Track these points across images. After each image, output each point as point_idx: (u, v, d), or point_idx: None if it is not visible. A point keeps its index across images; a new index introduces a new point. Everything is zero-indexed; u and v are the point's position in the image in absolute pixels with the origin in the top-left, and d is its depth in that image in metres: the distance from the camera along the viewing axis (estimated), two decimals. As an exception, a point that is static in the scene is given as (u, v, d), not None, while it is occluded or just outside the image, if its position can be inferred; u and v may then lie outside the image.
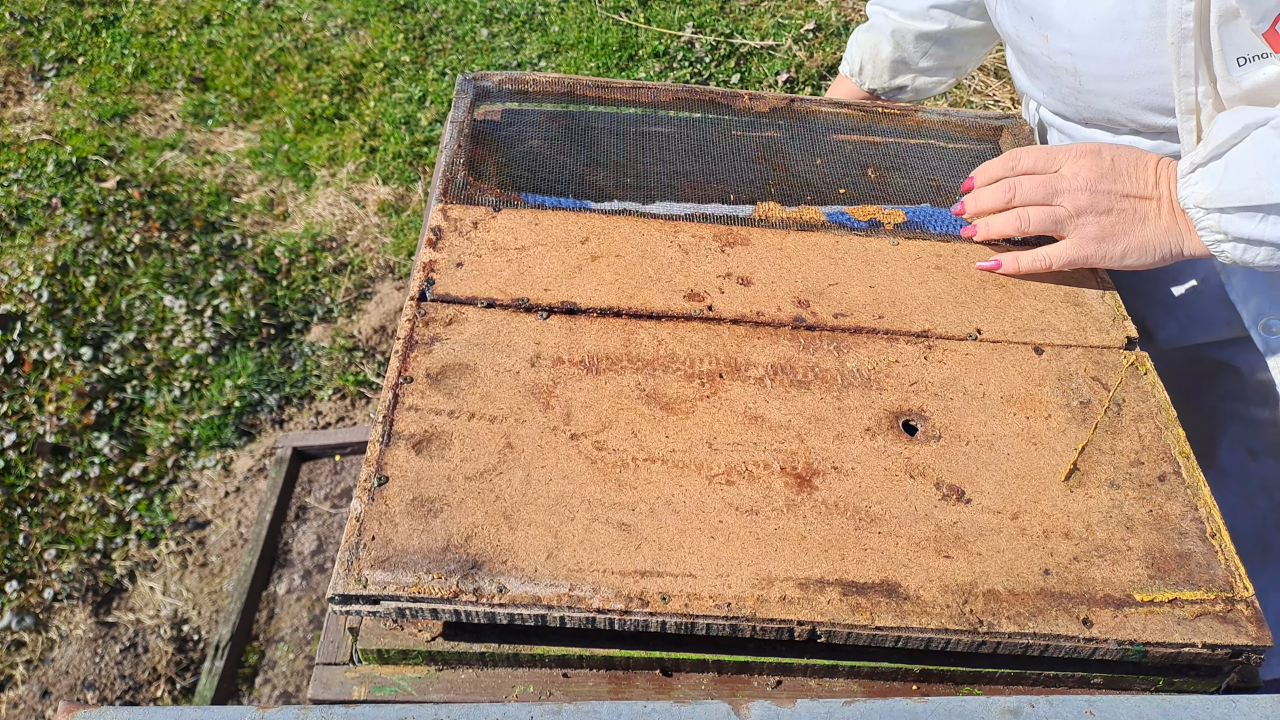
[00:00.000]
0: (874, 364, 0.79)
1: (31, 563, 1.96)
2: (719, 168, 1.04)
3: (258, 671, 1.82)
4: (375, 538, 0.64)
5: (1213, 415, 1.06)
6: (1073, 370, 0.80)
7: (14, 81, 3.16)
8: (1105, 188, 0.82)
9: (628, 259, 0.86)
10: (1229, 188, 0.77)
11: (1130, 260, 0.84)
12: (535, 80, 1.05)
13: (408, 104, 3.06)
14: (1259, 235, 0.77)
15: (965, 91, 2.96)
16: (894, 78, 1.25)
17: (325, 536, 2.01)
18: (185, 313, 2.40)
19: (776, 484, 0.70)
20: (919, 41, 1.21)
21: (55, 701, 1.77)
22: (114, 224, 2.60)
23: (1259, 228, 0.76)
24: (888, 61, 1.24)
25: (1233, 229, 0.78)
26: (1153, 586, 0.66)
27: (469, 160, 0.96)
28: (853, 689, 0.68)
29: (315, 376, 2.32)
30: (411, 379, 0.75)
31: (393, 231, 2.68)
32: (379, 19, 3.41)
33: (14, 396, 2.21)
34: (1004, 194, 0.86)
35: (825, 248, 0.90)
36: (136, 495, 2.08)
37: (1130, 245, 0.83)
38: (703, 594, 0.63)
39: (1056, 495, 0.71)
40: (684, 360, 0.78)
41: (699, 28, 3.26)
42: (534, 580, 0.63)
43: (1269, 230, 0.76)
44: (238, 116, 3.05)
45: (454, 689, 0.67)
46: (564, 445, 0.71)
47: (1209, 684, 0.69)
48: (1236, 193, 0.76)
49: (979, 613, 0.64)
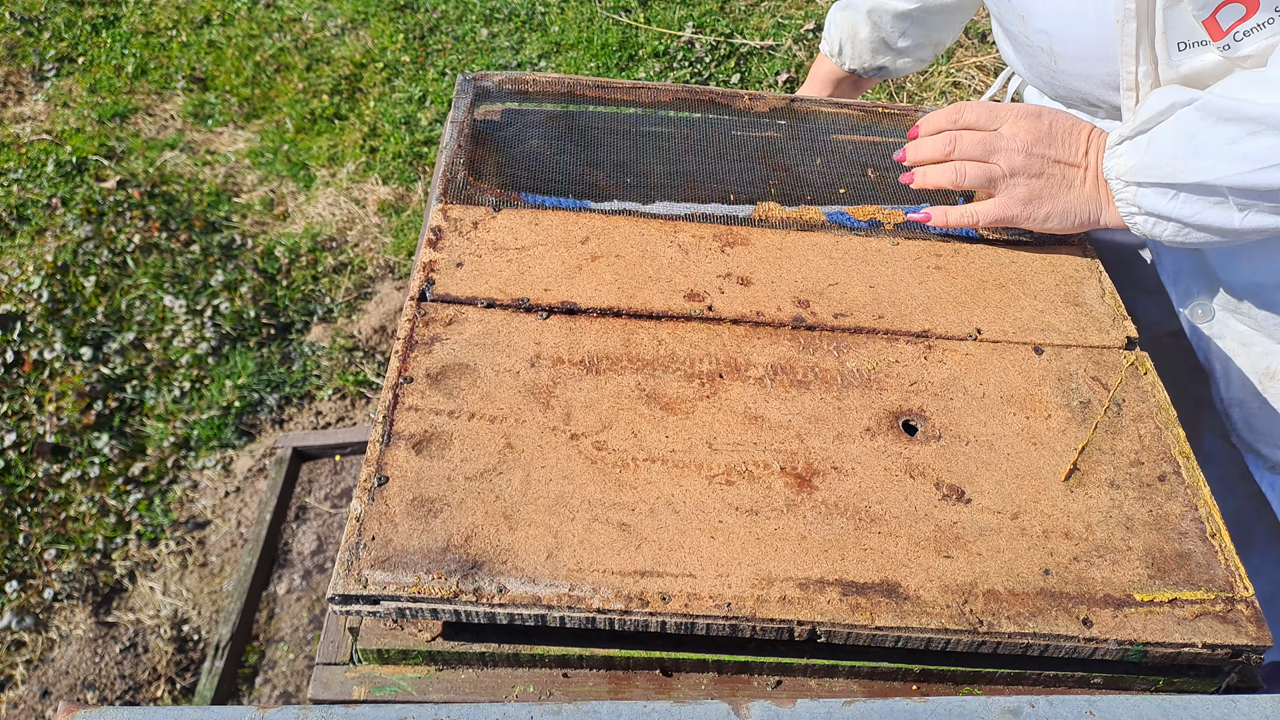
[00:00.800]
0: (874, 364, 0.79)
1: (31, 563, 1.96)
2: (719, 168, 1.04)
3: (258, 671, 1.82)
4: (375, 538, 0.64)
5: (1196, 402, 1.06)
6: (1073, 370, 0.80)
7: (14, 81, 3.16)
8: (1039, 151, 0.86)
9: (628, 259, 0.86)
10: (1148, 162, 0.80)
11: (1051, 224, 0.87)
12: (535, 80, 1.05)
13: (408, 104, 3.06)
14: (1168, 212, 0.80)
15: (965, 91, 2.97)
16: (874, 58, 1.27)
17: (325, 536, 2.01)
18: (185, 313, 2.40)
19: (776, 484, 0.70)
20: (896, 21, 1.22)
21: (55, 701, 1.77)
22: (114, 224, 2.60)
23: (1169, 205, 0.80)
24: (866, 42, 1.26)
25: (1146, 203, 0.81)
26: (1153, 586, 0.66)
27: (469, 160, 0.96)
28: (853, 689, 0.68)
29: (315, 376, 2.32)
30: (411, 379, 0.75)
31: (393, 231, 2.68)
32: (379, 19, 3.41)
33: (14, 396, 2.21)
34: (944, 146, 0.88)
35: (825, 248, 0.90)
36: (136, 495, 2.08)
37: (1054, 209, 0.86)
38: (703, 594, 0.63)
39: (1056, 495, 0.71)
40: (684, 360, 0.78)
41: (699, 28, 3.26)
42: (534, 580, 0.63)
43: (1178, 208, 0.79)
44: (238, 116, 3.05)
45: (454, 689, 0.67)
46: (564, 445, 0.71)
47: (1209, 684, 0.69)
48: (1154, 168, 0.79)
49: (979, 613, 0.64)
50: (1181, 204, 0.79)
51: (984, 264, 0.89)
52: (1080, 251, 0.91)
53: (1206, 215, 0.79)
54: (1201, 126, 0.76)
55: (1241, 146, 0.74)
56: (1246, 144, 0.74)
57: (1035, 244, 0.92)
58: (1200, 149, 0.76)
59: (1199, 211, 0.79)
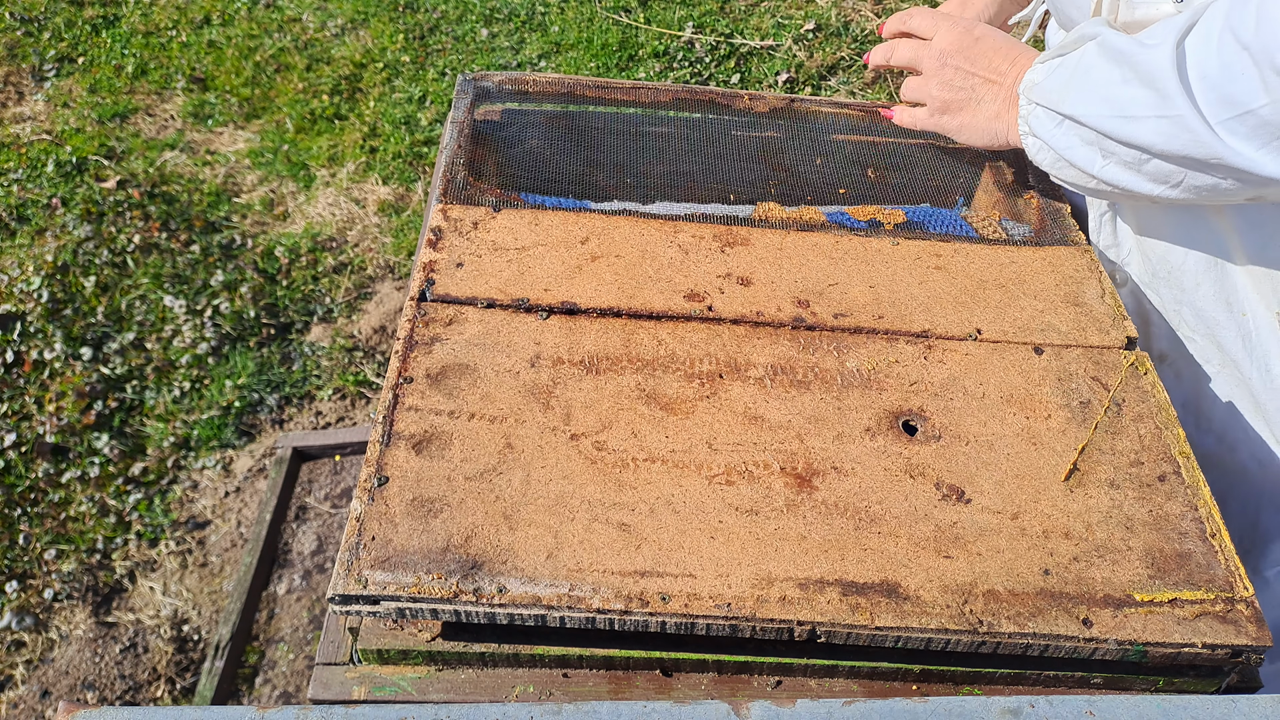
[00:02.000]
0: (874, 364, 0.79)
1: (31, 563, 1.96)
2: (719, 168, 1.04)
3: (258, 671, 1.82)
4: (375, 538, 0.64)
5: None
6: (1073, 370, 0.80)
7: (14, 81, 3.16)
8: (955, 63, 0.89)
9: (628, 259, 0.86)
10: (1048, 85, 0.81)
11: (964, 138, 0.91)
12: (535, 80, 1.05)
13: (408, 104, 3.06)
14: (1049, 139, 0.81)
15: (965, 91, 2.96)
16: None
17: (325, 536, 2.01)
18: (185, 313, 2.40)
19: (776, 484, 0.70)
20: None
21: (55, 701, 1.77)
22: (114, 224, 2.60)
23: (1052, 132, 0.81)
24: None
25: (1036, 124, 0.82)
26: (1153, 586, 0.66)
27: (469, 160, 0.96)
28: (853, 689, 0.68)
29: (315, 376, 2.32)
30: (411, 379, 0.75)
31: (393, 231, 2.68)
32: (379, 19, 3.41)
33: (14, 396, 2.21)
34: (884, 55, 0.96)
35: (825, 248, 0.90)
36: (136, 495, 2.08)
37: (964, 123, 0.90)
38: (703, 594, 0.63)
39: (1056, 495, 0.71)
40: (684, 360, 0.78)
41: (699, 28, 3.26)
42: (534, 580, 0.63)
43: (1058, 137, 0.80)
44: (238, 116, 3.05)
45: (454, 689, 0.67)
46: (564, 445, 0.71)
47: (1209, 684, 0.69)
48: (1049, 91, 0.80)
49: (979, 613, 0.64)
50: (1062, 134, 0.80)
51: (984, 264, 0.89)
52: (1080, 251, 0.91)
53: (1076, 153, 0.79)
54: (1096, 61, 0.76)
55: (1114, 90, 0.74)
56: (1119, 89, 0.74)
57: (1035, 243, 0.92)
58: (1085, 83, 0.76)
59: (1071, 146, 0.79)
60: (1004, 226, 0.97)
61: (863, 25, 3.24)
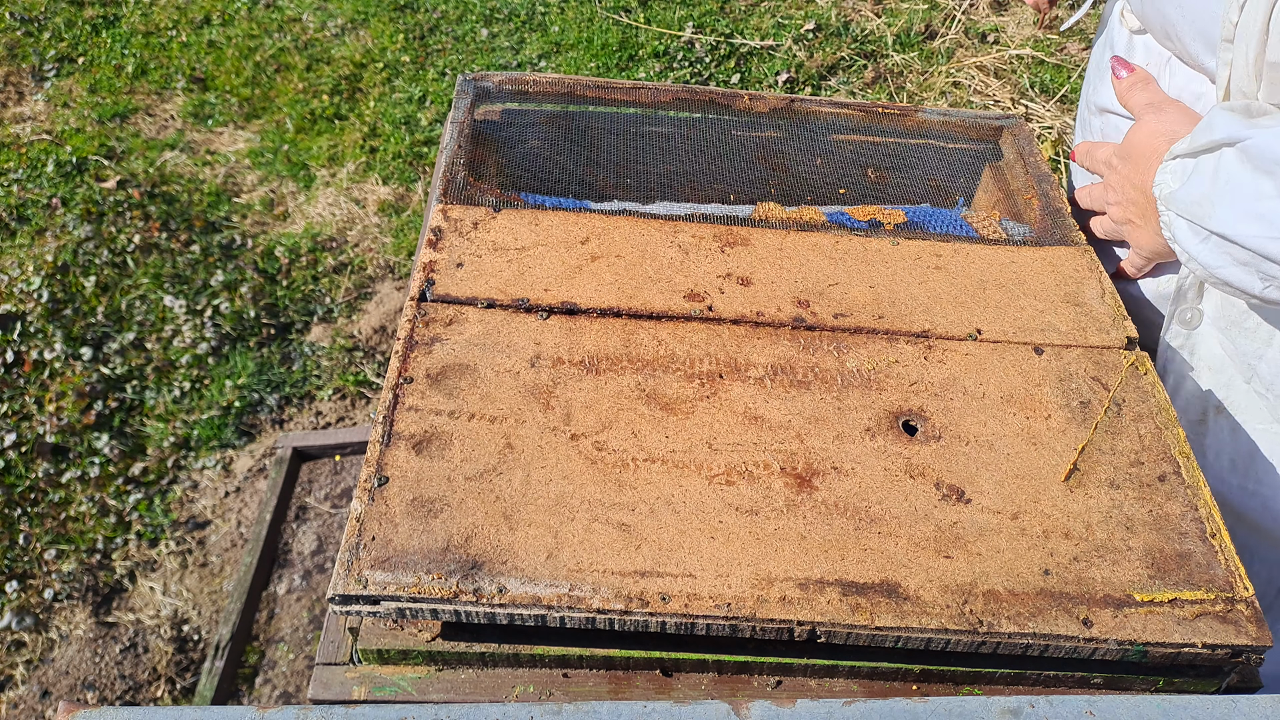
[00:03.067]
0: (874, 364, 0.79)
1: (31, 563, 1.96)
2: (719, 168, 1.04)
3: (258, 671, 1.82)
4: (375, 538, 0.64)
5: None
6: (1073, 370, 0.80)
7: (14, 81, 3.16)
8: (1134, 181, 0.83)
9: (628, 259, 0.86)
10: (1185, 194, 0.73)
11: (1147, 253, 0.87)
12: (535, 81, 1.05)
13: (408, 104, 3.06)
14: (1195, 253, 0.73)
15: (965, 91, 2.96)
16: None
17: (325, 536, 2.01)
18: (185, 313, 2.40)
19: (776, 484, 0.70)
20: None
21: (55, 701, 1.77)
22: (114, 224, 2.60)
23: (1198, 246, 0.72)
24: None
25: (1179, 234, 0.74)
26: (1153, 586, 0.66)
27: (469, 160, 0.96)
28: (853, 689, 0.68)
29: (315, 376, 2.32)
30: (411, 379, 0.75)
31: (393, 231, 2.68)
32: (379, 19, 3.41)
33: (14, 396, 2.21)
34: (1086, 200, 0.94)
35: (825, 248, 0.90)
36: (136, 495, 2.08)
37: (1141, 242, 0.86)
38: (703, 594, 0.63)
39: (1056, 495, 0.71)
40: (684, 360, 0.78)
41: (699, 28, 3.26)
42: (534, 580, 0.63)
43: (1205, 253, 0.72)
44: (238, 116, 3.05)
45: (454, 689, 0.67)
46: (564, 445, 0.71)
47: (1209, 684, 0.69)
48: (1187, 202, 0.72)
49: (979, 613, 0.64)
50: (1209, 251, 0.71)
51: (984, 264, 0.89)
52: (1080, 251, 0.91)
53: (1228, 273, 0.70)
54: (1238, 171, 0.67)
55: (1268, 205, 0.65)
56: (1273, 204, 0.65)
57: (1035, 243, 0.92)
58: (1230, 196, 0.68)
59: (1222, 265, 0.71)
60: (1004, 226, 0.97)
61: (863, 25, 3.24)
